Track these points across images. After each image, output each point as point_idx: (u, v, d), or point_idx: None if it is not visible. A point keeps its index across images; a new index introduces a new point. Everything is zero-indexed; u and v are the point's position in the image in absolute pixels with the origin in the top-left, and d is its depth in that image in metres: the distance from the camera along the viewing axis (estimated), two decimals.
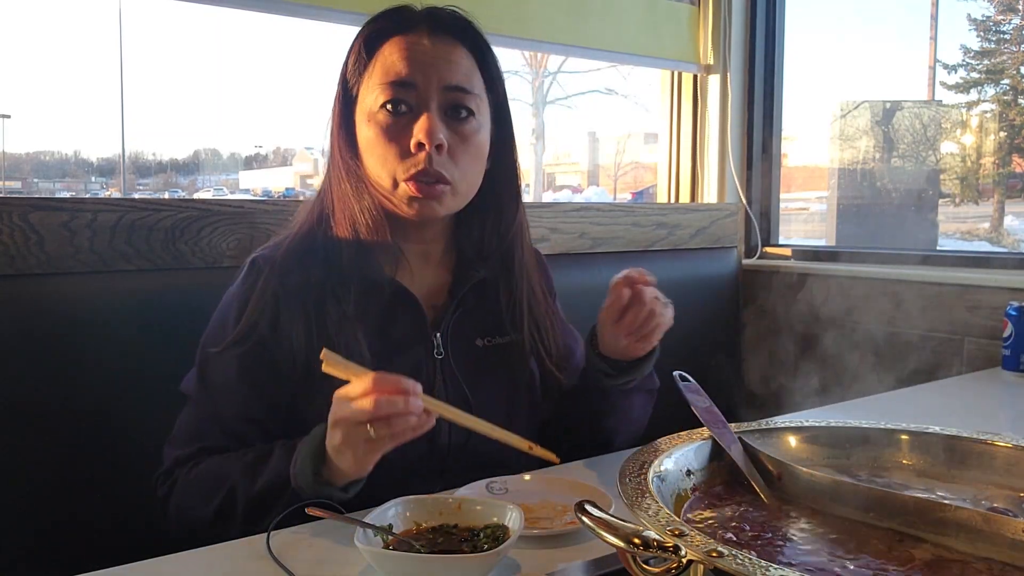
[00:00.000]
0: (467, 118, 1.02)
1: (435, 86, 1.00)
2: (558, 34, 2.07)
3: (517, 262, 1.12)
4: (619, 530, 0.54)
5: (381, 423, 0.79)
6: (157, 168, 14.77)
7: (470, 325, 1.09)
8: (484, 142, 1.06)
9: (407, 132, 0.99)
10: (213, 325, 1.05)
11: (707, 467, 0.77)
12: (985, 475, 0.77)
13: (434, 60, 1.01)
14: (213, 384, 1.01)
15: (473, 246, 1.11)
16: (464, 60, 1.03)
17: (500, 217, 1.11)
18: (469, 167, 1.04)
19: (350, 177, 1.03)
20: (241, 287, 1.03)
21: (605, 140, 13.00)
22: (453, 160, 1.01)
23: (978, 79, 3.57)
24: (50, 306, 1.22)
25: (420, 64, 1.00)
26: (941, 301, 1.89)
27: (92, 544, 1.20)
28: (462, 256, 1.12)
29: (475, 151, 1.04)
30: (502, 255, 1.11)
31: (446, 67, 1.01)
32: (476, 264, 1.11)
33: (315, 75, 19.65)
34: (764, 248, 2.40)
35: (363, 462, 0.84)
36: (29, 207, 1.22)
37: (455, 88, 1.01)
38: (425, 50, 1.01)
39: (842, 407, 1.39)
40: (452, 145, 1.01)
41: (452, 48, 1.03)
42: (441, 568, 0.72)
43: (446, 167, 1.00)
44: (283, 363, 1.00)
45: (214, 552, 0.83)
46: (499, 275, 1.11)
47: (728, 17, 2.34)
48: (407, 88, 1.00)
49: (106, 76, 17.70)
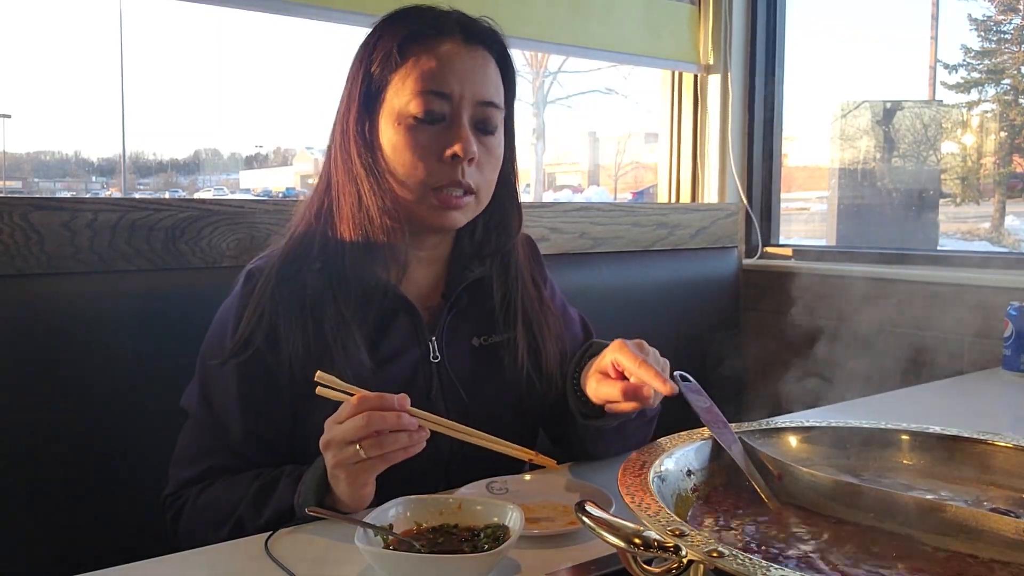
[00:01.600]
0: (493, 132, 1.04)
1: (469, 99, 1.00)
2: (558, 34, 2.07)
3: (514, 260, 1.12)
4: (620, 530, 0.54)
5: (371, 443, 0.80)
6: (157, 168, 14.78)
7: (465, 325, 1.09)
8: (502, 153, 1.07)
9: (439, 142, 0.99)
10: (211, 338, 1.04)
11: (707, 467, 0.77)
12: (985, 475, 0.77)
13: (471, 73, 1.01)
14: (214, 400, 1.00)
15: (473, 246, 1.11)
16: (494, 74, 1.04)
17: (500, 218, 1.11)
18: (492, 178, 1.05)
19: (369, 176, 1.00)
20: (237, 299, 1.02)
21: (605, 140, 12.99)
22: (480, 171, 1.02)
23: (979, 79, 3.57)
24: (50, 306, 1.22)
25: (457, 76, 0.99)
26: (942, 301, 1.89)
27: (92, 544, 1.20)
28: (459, 256, 1.12)
29: (496, 162, 1.05)
30: (502, 256, 1.11)
31: (481, 81, 1.01)
32: (472, 264, 1.10)
33: (315, 75, 19.67)
34: (765, 248, 2.39)
35: (357, 485, 0.84)
36: (30, 207, 1.22)
37: (487, 103, 1.02)
38: (462, 61, 1.00)
39: (842, 407, 1.39)
40: (480, 157, 1.01)
41: (485, 61, 1.03)
42: (441, 568, 0.72)
43: (474, 178, 1.01)
44: (281, 376, 0.98)
45: (214, 552, 0.83)
46: (494, 273, 1.10)
47: (728, 17, 2.34)
48: (444, 99, 0.99)
49: (107, 76, 17.73)
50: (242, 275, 1.04)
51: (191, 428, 1.02)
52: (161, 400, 1.25)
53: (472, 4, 1.07)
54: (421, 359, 1.05)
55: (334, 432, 0.82)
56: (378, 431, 0.80)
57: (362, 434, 0.80)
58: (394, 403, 0.81)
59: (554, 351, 1.13)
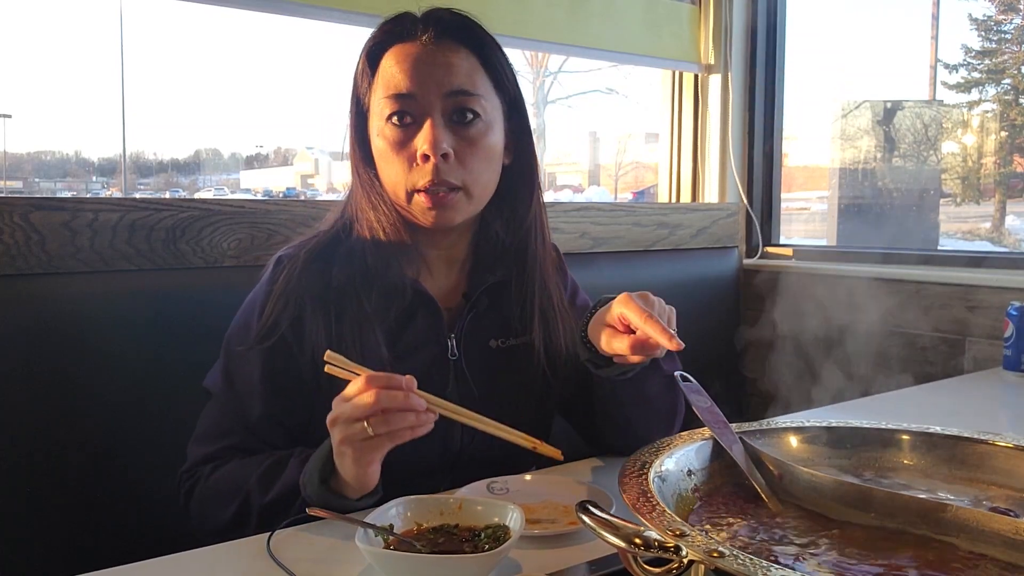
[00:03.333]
0: (473, 121, 1.01)
1: (435, 93, 1.00)
2: (558, 34, 2.07)
3: (530, 260, 1.10)
4: (620, 530, 0.54)
5: (378, 420, 0.79)
6: (158, 168, 14.76)
7: (484, 327, 1.09)
8: (495, 143, 1.05)
9: (413, 143, 1.00)
10: (237, 323, 1.05)
11: (708, 467, 0.77)
12: (986, 475, 0.77)
13: (432, 67, 1.00)
14: (237, 382, 1.02)
15: (491, 245, 1.11)
16: (464, 62, 1.02)
17: (514, 212, 1.10)
18: (481, 170, 1.03)
19: (366, 189, 1.05)
20: (266, 285, 1.04)
21: (606, 140, 12.97)
22: (463, 165, 1.01)
23: (979, 79, 3.57)
24: (51, 306, 1.22)
25: (418, 73, 1.00)
26: (942, 301, 1.89)
27: (92, 544, 1.20)
28: (480, 257, 1.11)
29: (485, 153, 1.03)
30: (516, 253, 1.10)
31: (445, 72, 1.00)
32: (493, 265, 1.10)
33: (316, 75, 19.67)
34: (765, 248, 2.39)
35: (362, 464, 0.83)
36: (30, 207, 1.22)
37: (456, 92, 1.00)
38: (422, 58, 1.00)
39: (843, 407, 1.39)
40: (460, 150, 1.00)
41: (452, 51, 1.02)
42: (442, 568, 0.72)
43: (455, 174, 1.00)
44: (304, 364, 1.00)
45: (214, 552, 0.83)
46: (513, 275, 1.10)
47: (729, 16, 2.34)
48: (408, 99, 1.00)
49: (107, 76, 17.73)
50: (272, 261, 1.06)
51: (213, 408, 1.03)
52: (162, 399, 1.25)
53: (472, 4, 1.07)
54: (439, 356, 1.05)
55: (341, 409, 0.82)
56: (386, 409, 0.80)
57: (370, 411, 0.79)
58: (402, 383, 0.81)
59: (571, 354, 1.12)
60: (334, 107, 1.53)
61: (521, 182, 1.10)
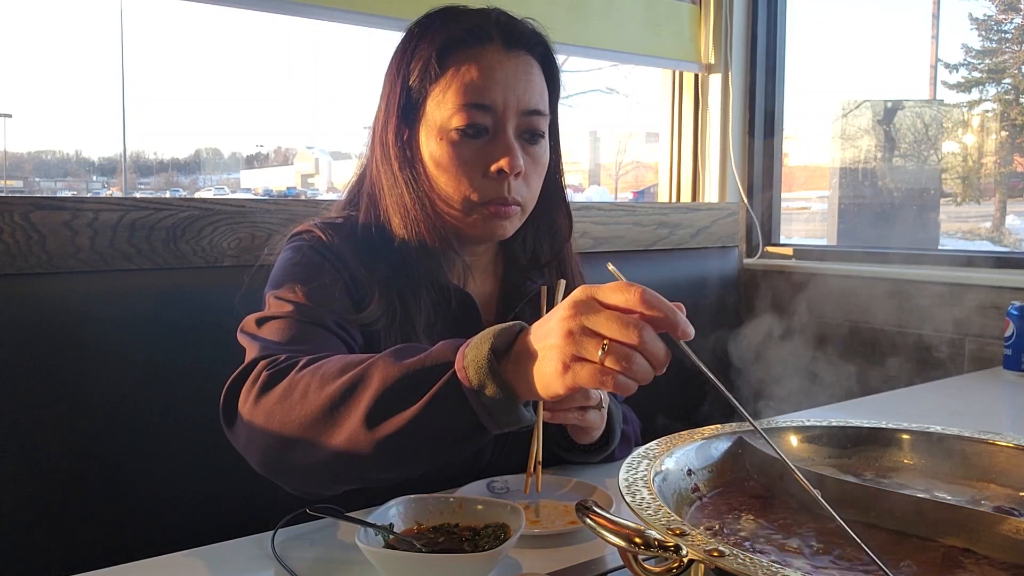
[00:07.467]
0: (539, 141, 1.01)
1: (514, 110, 0.97)
2: (558, 34, 2.04)
3: (572, 270, 1.11)
4: (620, 530, 0.54)
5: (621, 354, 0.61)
6: (158, 167, 14.75)
7: None
8: (548, 160, 1.04)
9: (484, 155, 0.97)
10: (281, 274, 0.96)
11: (708, 467, 0.77)
12: (986, 475, 0.77)
13: (514, 82, 0.97)
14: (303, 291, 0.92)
15: (526, 254, 1.11)
16: (538, 79, 1.01)
17: (550, 223, 1.10)
18: (537, 187, 1.03)
19: (410, 189, 0.99)
20: (306, 248, 0.97)
21: (606, 139, 12.95)
22: (526, 183, 1.00)
23: (980, 78, 3.57)
24: (51, 305, 1.22)
25: (499, 86, 0.96)
26: (942, 300, 1.89)
27: (92, 544, 1.20)
28: (513, 265, 1.11)
29: (542, 170, 1.03)
30: (559, 263, 1.11)
31: (524, 90, 0.98)
32: (532, 274, 1.10)
33: (316, 75, 19.66)
34: (765, 247, 2.39)
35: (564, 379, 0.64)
36: (30, 206, 1.22)
37: (532, 112, 0.99)
38: (503, 69, 0.97)
39: (843, 407, 1.39)
40: (525, 168, 0.99)
41: (528, 67, 0.99)
42: (442, 567, 0.72)
43: (520, 192, 0.99)
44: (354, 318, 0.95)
45: (215, 552, 0.83)
46: (553, 284, 1.10)
47: (729, 16, 2.34)
48: (486, 111, 0.96)
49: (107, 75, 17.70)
50: (302, 232, 1.01)
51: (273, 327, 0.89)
52: (162, 400, 1.25)
53: (472, 4, 1.07)
54: None
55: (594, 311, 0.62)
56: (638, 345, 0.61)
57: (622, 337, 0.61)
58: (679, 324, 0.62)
59: None
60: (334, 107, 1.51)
61: (555, 196, 1.10)
